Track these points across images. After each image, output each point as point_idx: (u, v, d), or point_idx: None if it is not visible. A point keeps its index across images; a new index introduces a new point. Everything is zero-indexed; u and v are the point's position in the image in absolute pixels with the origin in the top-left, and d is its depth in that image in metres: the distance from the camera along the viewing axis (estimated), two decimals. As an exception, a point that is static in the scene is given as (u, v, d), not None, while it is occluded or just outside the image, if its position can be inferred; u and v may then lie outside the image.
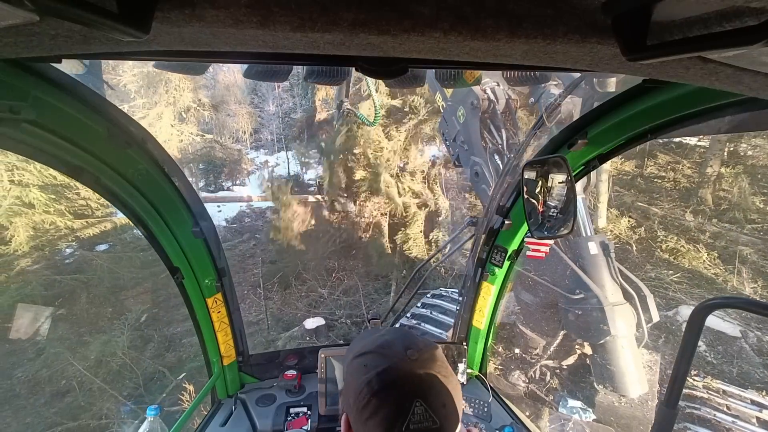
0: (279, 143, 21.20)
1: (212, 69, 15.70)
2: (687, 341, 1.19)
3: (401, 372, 0.61)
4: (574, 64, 0.52)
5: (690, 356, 1.19)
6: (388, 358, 0.63)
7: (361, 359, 0.65)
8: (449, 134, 5.21)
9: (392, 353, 0.64)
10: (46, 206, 7.59)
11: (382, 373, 0.61)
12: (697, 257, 8.49)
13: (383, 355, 0.64)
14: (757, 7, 0.31)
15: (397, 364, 0.62)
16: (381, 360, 0.63)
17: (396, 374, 0.61)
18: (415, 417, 0.58)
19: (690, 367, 1.21)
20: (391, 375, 0.61)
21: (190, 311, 1.60)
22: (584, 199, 4.79)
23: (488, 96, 4.69)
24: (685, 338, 1.19)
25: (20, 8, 0.28)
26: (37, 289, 7.24)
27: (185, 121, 12.21)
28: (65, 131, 0.94)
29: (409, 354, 0.63)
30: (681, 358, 1.21)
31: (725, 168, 9.91)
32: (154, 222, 1.33)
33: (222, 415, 1.72)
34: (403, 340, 0.66)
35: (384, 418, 0.58)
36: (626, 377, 4.45)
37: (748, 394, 4.91)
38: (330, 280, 9.78)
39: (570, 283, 4.66)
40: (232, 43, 0.47)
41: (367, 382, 0.61)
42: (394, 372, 0.61)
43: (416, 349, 0.64)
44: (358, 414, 0.61)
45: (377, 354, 0.64)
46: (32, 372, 6.60)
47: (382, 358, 0.63)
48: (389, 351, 0.64)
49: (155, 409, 1.40)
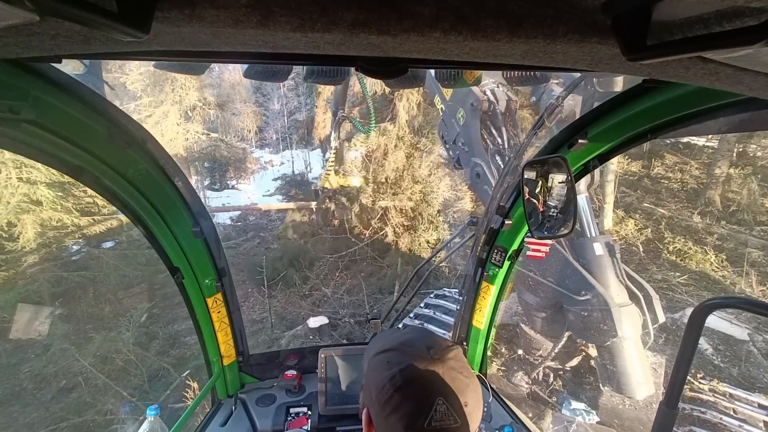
0: (284, 142, 21.29)
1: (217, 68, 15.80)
2: (687, 341, 1.19)
3: (424, 370, 0.62)
4: (574, 64, 0.51)
5: (690, 356, 1.19)
6: (411, 356, 0.63)
7: (384, 356, 0.66)
8: (449, 137, 5.22)
9: (414, 351, 0.64)
10: (54, 204, 7.68)
11: (405, 370, 0.61)
12: (704, 259, 8.40)
13: (405, 353, 0.64)
14: (757, 7, 0.31)
15: (420, 362, 0.62)
16: (403, 357, 0.64)
17: (419, 371, 0.61)
18: (437, 414, 0.58)
19: (690, 367, 1.21)
20: (413, 372, 0.61)
21: (190, 311, 1.60)
22: (588, 197, 4.75)
23: (488, 97, 4.69)
24: (685, 338, 1.19)
25: (20, 8, 0.28)
26: (44, 285, 7.34)
27: (191, 120, 12.31)
28: (65, 131, 0.95)
29: (432, 353, 0.64)
30: (681, 358, 1.21)
31: (734, 169, 9.79)
32: (154, 222, 1.33)
33: (222, 415, 1.72)
34: (424, 339, 0.67)
35: (406, 413, 0.59)
36: (632, 379, 4.42)
37: (755, 398, 4.84)
38: (334, 279, 9.80)
39: (575, 284, 4.63)
40: (232, 43, 0.47)
41: (390, 377, 0.61)
42: (416, 369, 0.62)
43: (438, 348, 0.65)
44: (380, 409, 0.61)
45: (399, 351, 0.65)
46: (39, 368, 6.69)
47: (404, 355, 0.64)
48: (411, 349, 0.65)
49: (155, 409, 1.41)
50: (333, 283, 9.69)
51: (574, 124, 1.31)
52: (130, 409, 5.81)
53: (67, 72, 0.89)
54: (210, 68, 12.82)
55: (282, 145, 21.54)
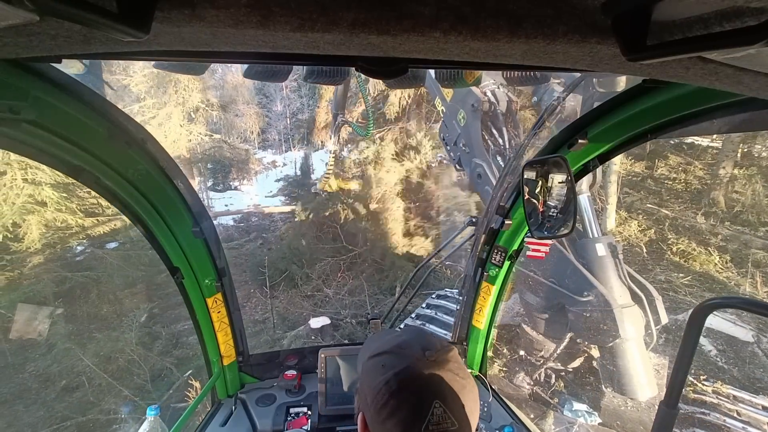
0: (287, 143, 21.33)
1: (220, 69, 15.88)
2: (687, 341, 1.18)
3: (419, 373, 0.61)
4: (574, 64, 0.51)
5: (690, 356, 1.18)
6: (406, 359, 0.62)
7: (378, 359, 0.65)
8: (450, 138, 5.23)
9: (409, 353, 0.63)
10: (58, 204, 7.73)
11: (400, 373, 0.60)
12: (708, 260, 8.35)
13: (400, 355, 0.63)
14: (757, 7, 0.31)
15: (415, 365, 0.61)
16: (398, 360, 0.62)
17: (414, 375, 0.60)
18: (434, 418, 0.58)
19: (690, 367, 1.20)
20: (409, 375, 0.60)
21: (190, 311, 1.60)
22: (590, 197, 4.74)
23: (489, 98, 4.69)
24: (685, 338, 1.19)
25: (20, 8, 0.28)
26: (48, 285, 7.39)
27: (194, 121, 12.37)
28: (65, 131, 0.94)
29: (427, 355, 0.62)
30: (681, 358, 1.20)
31: (738, 170, 9.73)
32: (154, 222, 1.33)
33: (222, 415, 1.72)
34: (420, 340, 0.66)
35: (403, 418, 0.58)
36: (635, 380, 4.40)
37: (759, 400, 4.81)
38: (336, 280, 9.81)
39: (577, 285, 4.61)
40: (232, 43, 0.47)
41: (385, 381, 0.60)
42: (412, 372, 0.60)
43: (434, 349, 0.64)
44: (375, 414, 0.61)
45: (394, 354, 0.64)
46: (43, 367, 6.73)
47: (399, 358, 0.63)
48: (406, 351, 0.63)
49: (155, 409, 1.41)
50: (335, 284, 9.71)
51: (574, 124, 1.30)
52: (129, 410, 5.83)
53: (67, 72, 0.89)
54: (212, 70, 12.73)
55: (284, 146, 21.60)
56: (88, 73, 0.95)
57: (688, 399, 4.88)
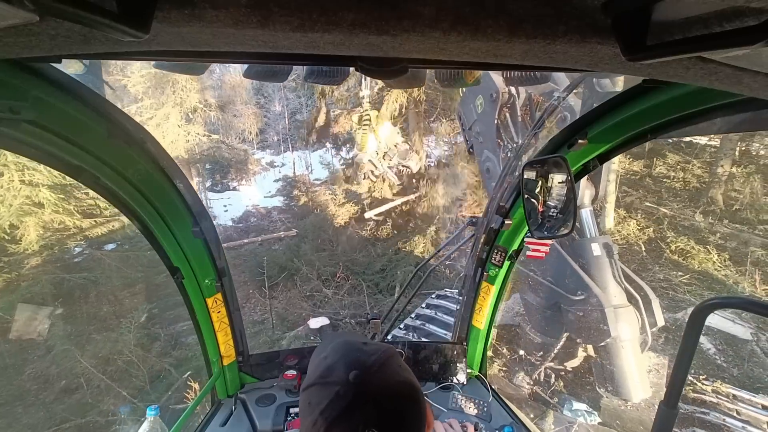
0: (285, 144, 21.30)
1: (218, 69, 15.84)
2: (687, 341, 1.18)
3: (346, 404, 0.57)
4: (574, 64, 0.51)
5: (690, 356, 1.18)
6: (331, 389, 0.59)
7: (306, 394, 0.62)
8: (467, 120, 5.19)
9: (335, 380, 0.59)
10: (56, 206, 7.70)
11: (325, 412, 0.57)
12: (707, 258, 8.37)
13: (325, 386, 0.60)
14: (757, 7, 0.31)
15: (342, 396, 0.57)
16: (324, 393, 0.59)
17: (340, 408, 0.57)
18: None
19: (690, 366, 1.20)
20: (335, 411, 0.57)
21: (190, 311, 1.60)
22: (591, 211, 4.74)
23: (509, 89, 4.63)
24: (685, 338, 1.19)
25: (20, 8, 0.28)
26: (46, 287, 7.35)
27: (192, 122, 12.34)
28: (65, 131, 0.94)
29: (353, 377, 0.58)
30: (681, 358, 1.20)
31: (737, 168, 9.76)
32: (153, 222, 1.33)
33: (222, 415, 1.72)
34: (345, 360, 0.61)
35: None
36: (628, 381, 4.41)
37: (759, 399, 4.82)
38: (335, 281, 9.81)
39: (572, 284, 4.62)
40: (232, 43, 0.47)
41: (312, 423, 0.58)
42: (338, 406, 0.57)
43: (361, 368, 0.59)
44: None
45: (319, 386, 0.61)
46: (42, 369, 6.70)
47: (324, 389, 0.59)
48: (332, 378, 0.60)
49: (155, 409, 1.40)
50: (334, 284, 9.70)
51: (574, 124, 1.31)
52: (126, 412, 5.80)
53: (67, 72, 0.88)
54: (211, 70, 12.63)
55: (283, 147, 21.56)
56: (88, 73, 0.95)
57: (688, 398, 4.89)
